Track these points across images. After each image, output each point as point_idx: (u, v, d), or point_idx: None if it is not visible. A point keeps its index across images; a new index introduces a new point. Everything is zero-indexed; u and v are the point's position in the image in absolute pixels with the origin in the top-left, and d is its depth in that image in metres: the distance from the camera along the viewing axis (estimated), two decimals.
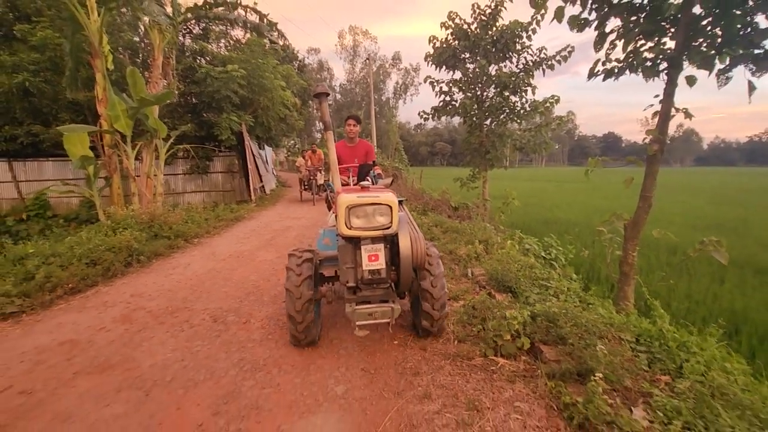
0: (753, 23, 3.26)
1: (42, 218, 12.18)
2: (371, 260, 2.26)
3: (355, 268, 2.35)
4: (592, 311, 3.00)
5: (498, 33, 8.42)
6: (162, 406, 2.05)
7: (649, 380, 2.15)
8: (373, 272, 2.26)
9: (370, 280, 2.28)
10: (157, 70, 8.15)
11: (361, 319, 2.26)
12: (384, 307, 2.26)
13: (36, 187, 12.59)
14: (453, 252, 4.81)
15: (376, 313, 2.26)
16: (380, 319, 2.27)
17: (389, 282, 2.39)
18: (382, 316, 2.27)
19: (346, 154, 3.94)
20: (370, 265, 2.26)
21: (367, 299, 2.35)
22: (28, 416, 1.98)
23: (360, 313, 2.25)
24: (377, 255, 2.27)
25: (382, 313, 2.26)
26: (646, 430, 1.66)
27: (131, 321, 3.18)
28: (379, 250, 2.28)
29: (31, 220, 12.03)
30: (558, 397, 1.97)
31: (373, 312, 2.26)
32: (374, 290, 2.36)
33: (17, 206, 12.47)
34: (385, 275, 2.29)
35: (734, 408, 1.81)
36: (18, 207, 12.43)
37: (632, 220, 3.95)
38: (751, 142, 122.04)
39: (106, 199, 8.69)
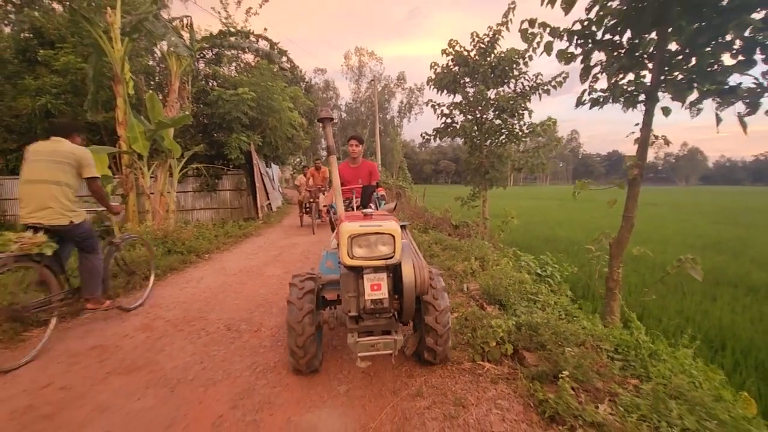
0: (719, 61, 3.59)
1: None
2: (373, 289, 2.22)
3: (358, 298, 2.31)
4: (575, 323, 3.26)
5: (496, 60, 8.84)
6: (186, 400, 2.33)
7: (618, 382, 2.40)
8: (375, 302, 2.22)
9: (373, 309, 2.24)
10: (174, 95, 8.64)
11: (364, 351, 2.22)
12: (386, 339, 2.23)
13: None
14: (450, 268, 5.09)
15: (379, 344, 2.22)
16: (383, 351, 2.23)
17: (392, 311, 2.34)
18: (384, 348, 2.23)
19: (349, 175, 3.95)
20: (373, 295, 2.22)
21: (370, 329, 2.32)
22: (70, 407, 2.27)
23: (362, 345, 2.21)
24: (380, 284, 2.23)
25: (384, 344, 2.22)
26: (606, 422, 1.91)
27: (152, 329, 3.48)
28: (382, 280, 2.23)
29: None
30: (534, 395, 2.23)
31: (376, 344, 2.22)
32: (377, 320, 2.32)
33: None
34: (387, 305, 2.25)
35: (688, 404, 2.07)
36: None
37: (616, 240, 4.22)
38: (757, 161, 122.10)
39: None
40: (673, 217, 19.92)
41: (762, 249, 10.84)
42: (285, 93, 14.63)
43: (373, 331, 2.31)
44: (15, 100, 11.98)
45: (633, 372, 2.58)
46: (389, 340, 2.22)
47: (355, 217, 2.45)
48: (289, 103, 14.83)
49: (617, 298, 4.22)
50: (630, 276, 7.78)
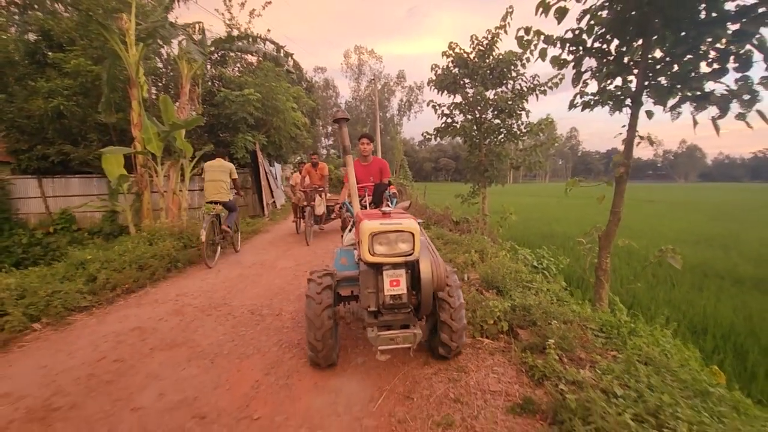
0: (697, 69, 3.94)
1: (68, 231, 12.95)
2: (393, 285, 2.30)
3: (377, 293, 2.38)
4: (565, 306, 3.63)
5: (494, 61, 9.18)
6: (225, 369, 2.70)
7: (600, 354, 2.76)
8: (394, 297, 2.31)
9: (392, 305, 2.32)
10: (185, 97, 8.98)
11: (384, 344, 2.31)
12: (406, 333, 2.32)
13: (62, 202, 13.43)
14: (452, 260, 5.44)
15: (398, 338, 2.31)
16: (402, 344, 2.32)
17: (410, 307, 2.41)
18: (404, 341, 2.31)
19: (361, 173, 4.00)
20: (392, 290, 2.30)
21: (389, 324, 2.40)
22: (126, 375, 2.64)
23: (383, 339, 2.30)
24: (399, 280, 2.30)
25: (404, 338, 2.31)
26: (584, 380, 2.27)
27: (182, 314, 3.84)
28: (401, 276, 2.31)
29: (58, 233, 12.80)
30: (525, 362, 2.60)
31: (395, 337, 2.31)
32: (396, 315, 2.39)
33: (44, 220, 13.25)
34: (406, 300, 2.33)
35: (655, 368, 2.43)
36: (45, 221, 13.21)
37: (605, 233, 4.58)
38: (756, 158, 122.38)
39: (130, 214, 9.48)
40: (670, 214, 20.27)
41: (751, 244, 11.22)
42: (288, 93, 14.99)
43: (392, 325, 2.39)
44: (27, 102, 12.28)
45: (613, 346, 2.95)
46: (409, 334, 2.32)
47: (374, 215, 2.51)
48: (292, 104, 15.19)
49: (605, 286, 4.59)
50: (623, 268, 8.16)
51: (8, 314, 3.36)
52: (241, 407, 2.24)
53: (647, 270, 8.06)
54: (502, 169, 9.96)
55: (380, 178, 4.03)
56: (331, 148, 64.45)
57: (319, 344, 2.48)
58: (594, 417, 1.82)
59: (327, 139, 65.17)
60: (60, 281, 4.23)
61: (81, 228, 13.26)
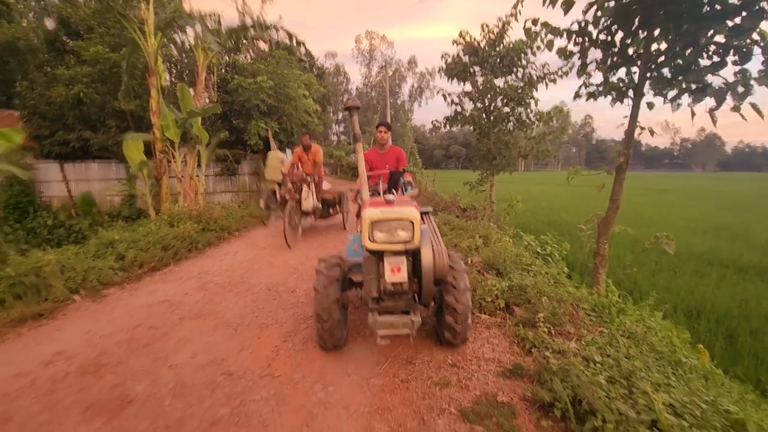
0: (698, 62, 4.07)
1: (89, 214, 13.49)
2: (394, 272, 2.33)
3: (378, 280, 2.42)
4: (560, 288, 3.87)
5: (505, 50, 9.24)
6: (248, 337, 3.01)
7: (587, 329, 3.01)
8: (395, 284, 2.34)
9: (393, 291, 2.37)
10: (201, 85, 9.25)
11: (383, 329, 2.35)
12: (404, 319, 2.36)
13: (83, 186, 13.94)
14: (457, 245, 5.69)
15: (397, 323, 2.35)
16: (401, 330, 2.36)
17: (411, 293, 2.46)
18: (402, 327, 2.35)
19: (377, 161, 4.04)
20: (393, 277, 2.33)
21: (390, 310, 2.45)
22: (161, 340, 2.97)
23: (381, 324, 2.35)
24: (399, 267, 2.33)
25: (402, 324, 2.35)
26: (569, 349, 2.52)
27: (206, 290, 4.17)
28: (402, 263, 2.34)
29: (79, 216, 13.35)
30: (518, 335, 2.86)
31: (394, 323, 2.36)
32: (397, 301, 2.44)
33: (67, 203, 13.81)
34: (407, 287, 2.37)
35: (636, 341, 2.68)
36: (67, 204, 13.76)
37: (603, 220, 4.77)
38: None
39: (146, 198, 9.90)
40: (683, 203, 20.15)
41: (760, 234, 11.22)
42: (300, 80, 15.17)
43: (393, 311, 2.45)
44: (49, 89, 12.68)
45: (601, 323, 3.19)
46: (407, 320, 2.35)
47: (377, 203, 2.52)
48: (304, 91, 15.37)
49: (602, 270, 4.80)
50: (626, 255, 8.31)
51: (52, 286, 3.72)
52: (264, 367, 2.56)
53: (651, 258, 8.23)
54: (511, 157, 10.08)
55: (396, 166, 3.99)
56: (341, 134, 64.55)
57: (327, 334, 2.60)
58: (571, 377, 2.08)
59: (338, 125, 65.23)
60: (92, 259, 4.59)
61: (101, 211, 13.79)
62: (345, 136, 62.23)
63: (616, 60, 4.74)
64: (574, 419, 1.89)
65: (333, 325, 2.57)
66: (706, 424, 1.73)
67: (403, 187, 3.41)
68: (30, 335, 3.07)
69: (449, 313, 2.60)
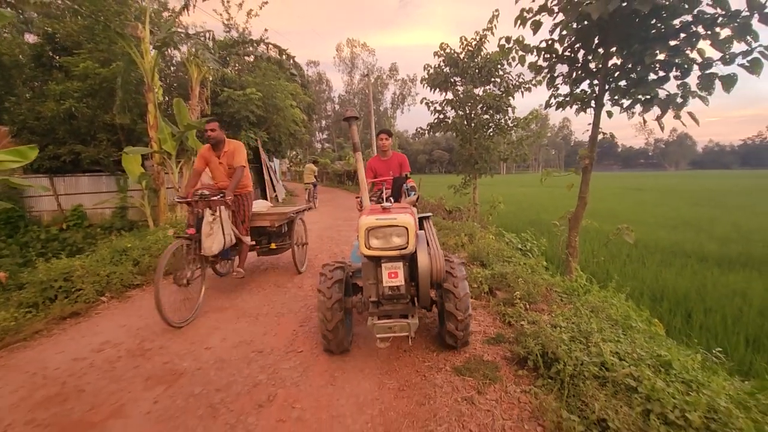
0: (646, 77, 4.70)
1: (80, 227, 13.59)
2: (391, 277, 2.41)
3: (377, 284, 2.51)
4: (537, 275, 4.42)
5: (482, 61, 9.89)
6: (268, 323, 3.46)
7: (557, 306, 3.55)
8: (392, 288, 2.42)
9: (390, 295, 2.46)
10: (195, 99, 9.64)
11: (381, 333, 2.43)
12: (402, 322, 2.42)
13: (74, 199, 14.04)
14: (444, 243, 6.23)
15: (395, 327, 2.42)
16: (399, 333, 2.43)
17: (409, 297, 2.54)
18: (400, 330, 2.42)
19: (380, 168, 4.12)
20: (390, 282, 2.41)
21: (388, 313, 2.52)
22: (192, 328, 3.39)
23: (379, 327, 2.42)
24: (396, 272, 2.41)
25: (400, 327, 2.42)
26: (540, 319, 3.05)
27: (220, 288, 4.59)
28: (399, 268, 2.41)
29: (70, 229, 13.44)
30: (499, 312, 3.39)
31: (392, 326, 2.42)
32: (395, 305, 2.53)
33: (57, 217, 13.88)
34: (404, 291, 2.45)
35: (596, 313, 3.23)
36: (58, 217, 13.83)
37: (573, 215, 5.37)
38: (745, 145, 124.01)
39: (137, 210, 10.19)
40: (655, 201, 21.17)
41: (723, 227, 12.09)
42: (287, 91, 15.65)
43: (392, 315, 2.52)
44: (40, 104, 12.83)
45: (569, 301, 3.75)
46: (404, 324, 2.42)
47: (374, 210, 2.59)
48: (291, 101, 15.84)
49: (574, 260, 5.39)
50: (601, 250, 8.99)
51: (81, 289, 4.09)
52: (287, 345, 3.02)
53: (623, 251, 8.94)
54: (492, 161, 10.71)
55: (399, 172, 4.04)
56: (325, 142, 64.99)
57: (330, 335, 2.67)
58: (541, 337, 2.60)
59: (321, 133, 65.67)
60: (110, 264, 4.95)
61: (92, 224, 13.90)
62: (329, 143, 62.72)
63: (579, 74, 5.37)
64: (543, 366, 2.41)
65: (336, 326, 2.64)
66: (640, 363, 2.27)
67: (407, 192, 3.53)
68: (73, 330, 3.45)
69: (450, 320, 2.66)
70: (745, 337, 4.74)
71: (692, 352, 2.96)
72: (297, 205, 6.50)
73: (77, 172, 14.16)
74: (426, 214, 3.25)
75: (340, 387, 2.44)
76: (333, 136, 62.40)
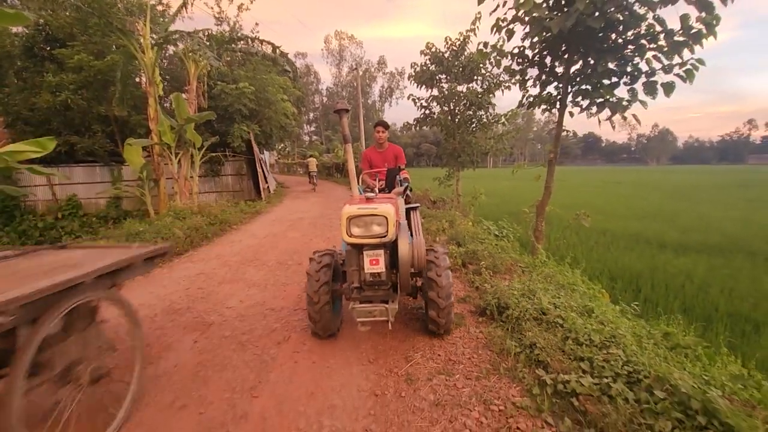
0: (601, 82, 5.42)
1: (75, 217, 13.92)
2: (372, 264, 2.49)
3: (359, 271, 2.59)
4: (505, 253, 5.14)
5: (466, 60, 10.54)
6: (275, 291, 4.10)
7: (518, 275, 4.27)
8: (373, 275, 2.52)
9: (372, 282, 2.55)
10: (192, 93, 10.09)
11: (362, 317, 2.53)
12: (380, 307, 2.51)
13: (68, 189, 14.33)
14: (428, 229, 6.91)
15: (375, 311, 2.51)
16: (379, 317, 2.52)
17: (389, 284, 2.62)
18: (380, 315, 2.51)
19: (377, 159, 4.19)
20: (371, 269, 2.50)
21: (369, 299, 2.61)
22: (211, 294, 4.01)
23: (360, 311, 2.52)
24: (377, 260, 2.49)
25: (380, 312, 2.50)
26: (501, 285, 3.75)
27: (229, 265, 5.20)
28: (380, 255, 2.49)
29: (65, 219, 13.76)
30: (470, 280, 4.08)
31: (372, 311, 2.51)
32: (376, 291, 2.61)
33: (52, 206, 14.17)
34: (385, 278, 2.54)
35: (547, 279, 3.95)
36: (53, 207, 14.13)
37: (540, 203, 6.10)
38: (723, 141, 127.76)
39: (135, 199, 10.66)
40: (631, 194, 22.21)
41: (690, 217, 13.07)
42: (277, 84, 16.08)
43: (373, 300, 2.61)
44: (33, 95, 13.04)
45: (529, 272, 4.47)
46: (383, 308, 2.50)
47: (357, 200, 2.69)
48: (282, 95, 16.28)
49: (539, 243, 6.12)
50: (572, 236, 9.81)
51: None
52: (294, 304, 3.67)
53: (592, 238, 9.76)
54: (474, 155, 11.42)
55: (395, 164, 4.12)
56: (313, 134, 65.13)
57: (317, 316, 2.77)
58: (498, 293, 3.30)
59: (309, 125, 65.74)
60: None
61: (87, 213, 14.23)
62: (317, 136, 62.89)
63: (547, 77, 6.06)
64: (497, 313, 3.11)
65: (322, 308, 2.73)
66: (569, 309, 2.98)
67: (400, 183, 3.61)
68: None
69: (432, 307, 2.76)
70: (682, 305, 5.54)
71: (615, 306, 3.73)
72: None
73: (71, 163, 14.43)
74: (414, 205, 3.42)
75: (340, 332, 3.10)
76: (321, 129, 62.57)
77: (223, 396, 2.26)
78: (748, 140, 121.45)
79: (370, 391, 2.30)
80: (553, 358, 2.39)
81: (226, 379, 2.44)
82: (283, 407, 2.15)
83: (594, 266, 7.56)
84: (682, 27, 4.31)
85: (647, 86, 4.91)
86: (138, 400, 2.18)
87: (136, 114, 13.52)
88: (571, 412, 2.00)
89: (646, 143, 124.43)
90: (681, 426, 1.71)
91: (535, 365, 2.42)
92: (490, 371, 2.45)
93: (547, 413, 2.01)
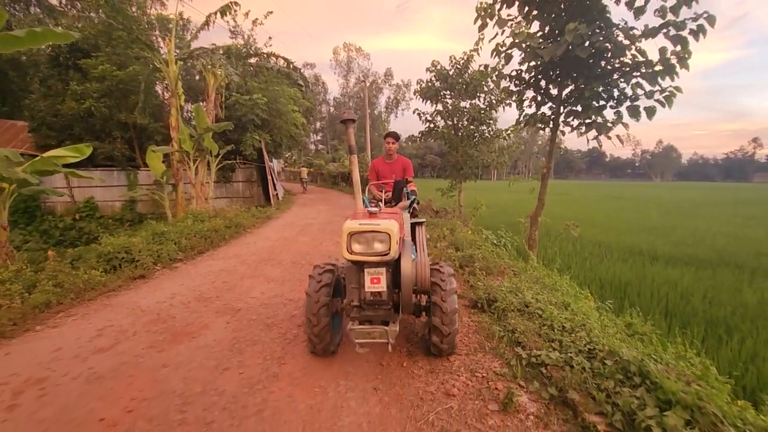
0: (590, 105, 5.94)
1: (92, 218, 14.53)
2: (373, 282, 2.39)
3: (359, 289, 2.48)
4: (500, 259, 5.63)
5: (469, 78, 11.13)
6: (292, 285, 4.60)
7: (510, 278, 4.74)
8: (374, 294, 2.41)
9: (372, 301, 2.44)
10: (211, 104, 10.72)
11: (360, 338, 2.40)
12: (380, 329, 2.39)
13: (86, 192, 14.97)
14: (430, 236, 7.41)
15: (374, 333, 2.38)
16: (378, 339, 2.39)
17: (391, 304, 2.50)
18: (379, 337, 2.38)
19: (384, 171, 4.11)
20: (372, 287, 2.39)
21: (369, 319, 2.50)
22: (235, 287, 4.51)
23: (358, 332, 2.40)
24: (379, 278, 2.38)
25: (379, 334, 2.38)
26: (494, 283, 4.23)
27: (247, 264, 5.71)
28: (381, 274, 2.38)
29: (83, 220, 14.37)
30: (465, 280, 4.57)
31: (372, 332, 2.39)
32: (376, 311, 2.49)
33: (70, 208, 14.80)
34: (386, 297, 2.42)
35: (534, 281, 4.43)
36: (71, 209, 14.76)
37: (533, 214, 6.59)
38: (728, 159, 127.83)
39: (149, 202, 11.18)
40: (630, 209, 22.58)
41: (683, 233, 13.46)
42: (288, 96, 16.79)
43: (373, 320, 2.50)
44: (59, 103, 13.75)
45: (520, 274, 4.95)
46: (382, 330, 2.38)
47: (359, 214, 2.59)
48: (293, 106, 16.98)
49: (532, 251, 6.60)
50: (567, 246, 10.26)
51: (138, 260, 5.18)
52: None
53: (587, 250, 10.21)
54: (475, 167, 11.96)
55: (403, 176, 4.06)
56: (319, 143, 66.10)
57: (316, 339, 2.66)
58: (489, 290, 3.79)
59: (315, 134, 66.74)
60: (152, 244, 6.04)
61: (103, 215, 14.86)
62: (323, 145, 63.85)
63: (542, 99, 6.60)
64: (487, 306, 3.60)
65: (322, 329, 2.61)
66: (549, 303, 3.46)
67: (407, 196, 3.54)
68: (145, 287, 4.56)
69: (435, 333, 2.62)
70: (665, 310, 5.98)
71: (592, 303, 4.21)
72: None
73: (90, 167, 15.06)
74: (420, 220, 3.35)
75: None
76: (327, 138, 63.53)
77: (257, 362, 2.76)
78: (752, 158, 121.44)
79: (377, 362, 2.78)
80: (530, 339, 2.88)
81: (258, 350, 2.94)
82: (306, 371, 2.64)
83: (586, 274, 7.99)
84: (660, 58, 4.83)
85: (631, 110, 5.42)
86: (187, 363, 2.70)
87: (154, 122, 14.21)
88: (540, 378, 2.48)
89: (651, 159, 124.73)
90: (621, 384, 2.19)
91: (514, 345, 2.90)
92: (477, 349, 2.93)
93: (521, 378, 2.50)
